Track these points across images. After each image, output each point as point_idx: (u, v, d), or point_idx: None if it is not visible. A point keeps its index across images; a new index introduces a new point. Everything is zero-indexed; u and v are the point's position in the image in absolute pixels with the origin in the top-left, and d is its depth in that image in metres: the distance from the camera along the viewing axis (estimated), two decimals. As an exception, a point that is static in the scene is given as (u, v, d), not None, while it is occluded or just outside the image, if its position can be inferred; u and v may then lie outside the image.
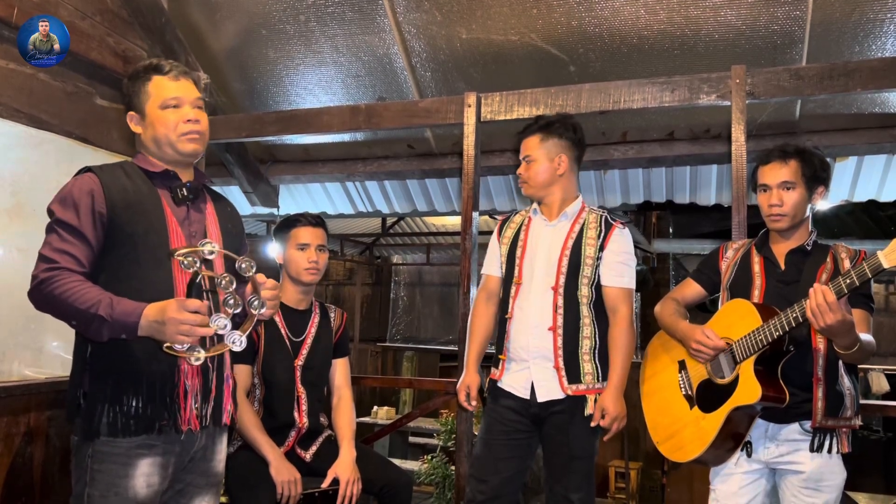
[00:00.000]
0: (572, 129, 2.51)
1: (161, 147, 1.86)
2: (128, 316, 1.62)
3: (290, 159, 4.46)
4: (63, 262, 1.67)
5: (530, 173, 2.50)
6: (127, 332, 1.64)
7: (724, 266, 2.31)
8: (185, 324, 1.58)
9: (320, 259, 2.70)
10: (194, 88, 1.90)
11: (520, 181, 2.56)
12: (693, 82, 2.86)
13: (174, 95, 1.85)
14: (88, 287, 1.66)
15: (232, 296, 1.70)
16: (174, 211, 1.85)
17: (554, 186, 2.49)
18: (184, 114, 1.85)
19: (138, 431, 1.72)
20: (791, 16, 3.00)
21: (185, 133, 1.84)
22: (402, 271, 10.48)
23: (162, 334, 1.60)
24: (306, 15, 3.51)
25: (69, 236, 1.71)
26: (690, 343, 2.17)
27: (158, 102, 1.85)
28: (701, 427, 2.12)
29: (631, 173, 4.16)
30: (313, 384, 2.70)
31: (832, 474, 2.04)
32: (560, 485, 2.35)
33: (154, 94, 1.85)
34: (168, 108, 1.85)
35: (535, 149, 2.49)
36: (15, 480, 2.56)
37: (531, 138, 2.52)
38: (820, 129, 3.46)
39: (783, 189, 2.13)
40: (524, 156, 2.53)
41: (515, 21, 3.31)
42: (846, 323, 1.83)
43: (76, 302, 1.63)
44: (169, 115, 1.84)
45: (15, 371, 2.65)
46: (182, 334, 1.59)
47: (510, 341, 2.45)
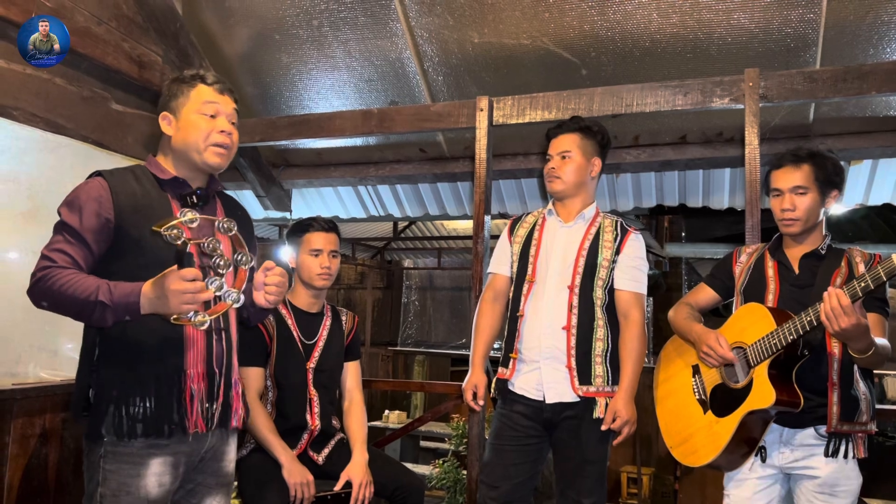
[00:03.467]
0: (606, 137, 2.53)
1: (188, 152, 1.86)
2: (127, 296, 1.65)
3: (302, 163, 4.48)
4: (60, 261, 1.70)
5: (566, 169, 2.47)
6: (130, 312, 1.66)
7: (737, 270, 2.30)
8: (187, 292, 1.61)
9: (332, 265, 2.71)
10: (232, 104, 1.92)
11: (550, 176, 2.50)
12: (706, 85, 2.86)
13: (213, 104, 1.87)
14: (84, 277, 1.68)
15: (220, 256, 1.77)
16: None
17: (583, 187, 2.49)
18: (218, 124, 1.86)
19: (146, 434, 1.73)
20: (804, 18, 2.99)
21: (216, 144, 1.85)
22: (414, 275, 10.49)
23: (166, 307, 1.63)
24: (319, 20, 3.52)
25: (71, 238, 1.73)
26: (701, 346, 2.16)
27: (196, 108, 1.86)
28: (714, 432, 2.11)
29: (643, 177, 4.15)
30: (325, 387, 2.71)
31: (847, 480, 2.02)
32: (572, 489, 2.34)
33: (194, 100, 1.87)
34: (204, 115, 1.86)
35: (574, 146, 2.47)
36: (30, 481, 2.59)
37: (569, 136, 2.49)
38: (834, 133, 3.44)
39: (795, 194, 2.12)
40: (561, 151, 2.48)
41: (527, 25, 3.31)
42: (861, 326, 1.82)
43: (75, 293, 1.65)
44: (203, 123, 1.85)
45: (31, 373, 2.68)
46: (185, 303, 1.62)
47: (521, 340, 2.44)
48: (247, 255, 1.85)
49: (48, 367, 2.74)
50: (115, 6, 3.15)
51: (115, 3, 3.15)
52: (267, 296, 1.88)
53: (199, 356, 1.81)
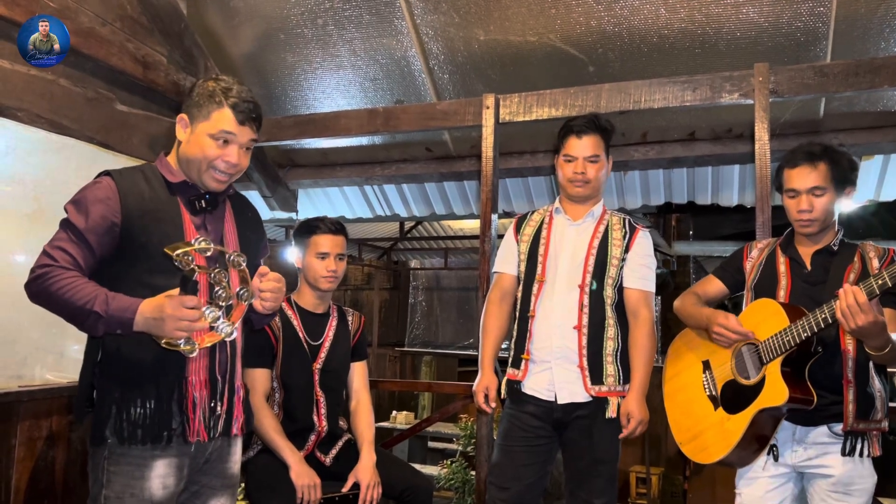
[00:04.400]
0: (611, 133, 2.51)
1: (189, 166, 1.83)
2: (123, 311, 1.63)
3: (308, 163, 4.47)
4: (61, 260, 1.69)
5: (597, 174, 2.42)
6: (122, 327, 1.65)
7: (748, 266, 2.27)
8: (184, 319, 1.60)
9: (339, 268, 2.69)
10: (251, 133, 1.85)
11: (579, 181, 2.41)
12: (715, 81, 2.83)
13: (228, 132, 1.80)
14: (83, 283, 1.67)
15: (223, 288, 1.76)
16: (192, 219, 1.84)
17: (601, 188, 2.47)
18: (227, 153, 1.81)
19: (145, 440, 1.72)
20: (815, 12, 2.96)
21: (219, 171, 1.82)
22: (420, 275, 10.48)
23: (159, 329, 1.62)
24: (324, 19, 3.51)
25: (74, 238, 1.72)
26: (713, 326, 2.11)
27: (211, 130, 1.80)
28: (726, 429, 2.08)
29: (651, 174, 4.12)
30: (332, 388, 2.69)
31: (862, 478, 1.99)
32: (583, 490, 2.32)
33: (213, 122, 1.80)
34: (216, 140, 1.80)
35: (601, 150, 2.43)
36: (37, 483, 2.58)
37: (594, 137, 2.41)
38: (845, 128, 3.40)
39: (813, 195, 2.07)
40: (590, 155, 2.41)
41: (533, 22, 3.29)
42: (878, 324, 1.79)
43: (72, 297, 1.64)
44: (212, 148, 1.80)
45: (37, 375, 2.67)
46: (180, 330, 1.62)
47: (532, 341, 2.41)
48: (249, 291, 1.83)
49: (54, 369, 2.73)
50: (120, 7, 3.14)
51: (120, 4, 3.14)
52: (263, 302, 1.85)
53: (201, 363, 1.80)
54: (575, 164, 2.42)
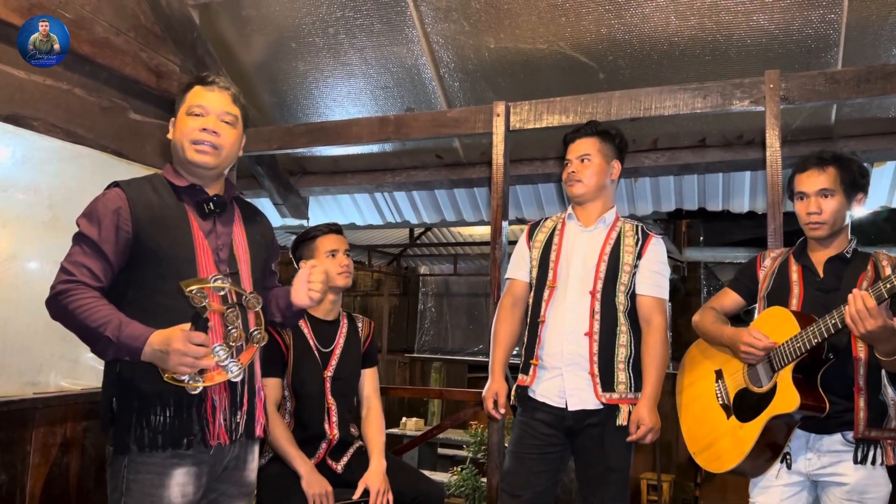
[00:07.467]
0: (624, 140, 2.52)
1: (177, 153, 1.87)
2: (134, 340, 1.64)
3: (319, 171, 4.49)
4: (80, 275, 1.70)
5: (586, 172, 2.44)
6: (131, 355, 1.66)
7: (761, 275, 2.26)
8: (189, 356, 1.61)
9: (350, 263, 2.72)
10: (227, 102, 1.88)
11: (571, 180, 2.47)
12: (726, 88, 2.83)
13: (200, 104, 1.85)
14: (101, 305, 1.68)
15: (236, 328, 1.79)
16: (200, 224, 1.85)
17: (603, 191, 2.47)
18: (203, 122, 1.84)
19: (166, 446, 1.72)
20: (826, 19, 2.95)
21: (196, 141, 1.82)
22: (430, 281, 10.48)
23: (164, 362, 1.63)
24: (335, 27, 3.53)
25: (90, 251, 1.73)
26: (739, 346, 2.10)
27: (186, 108, 1.86)
28: (738, 437, 2.08)
29: (662, 181, 4.12)
30: (343, 395, 2.70)
31: (876, 487, 1.98)
32: (595, 497, 2.32)
33: (187, 101, 1.87)
34: (192, 115, 1.85)
35: (594, 150, 2.45)
36: (52, 490, 2.60)
37: (588, 139, 2.47)
38: (856, 134, 3.39)
39: (821, 197, 2.08)
40: (581, 154, 2.46)
41: (544, 29, 3.30)
42: (888, 329, 1.78)
43: (87, 319, 1.65)
44: (189, 121, 1.84)
45: (52, 382, 2.69)
46: (184, 365, 1.62)
47: (542, 347, 2.41)
48: (262, 333, 1.86)
49: (69, 377, 2.75)
50: (134, 17, 3.17)
51: (134, 14, 3.18)
52: (311, 293, 1.93)
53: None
54: (569, 165, 2.49)
